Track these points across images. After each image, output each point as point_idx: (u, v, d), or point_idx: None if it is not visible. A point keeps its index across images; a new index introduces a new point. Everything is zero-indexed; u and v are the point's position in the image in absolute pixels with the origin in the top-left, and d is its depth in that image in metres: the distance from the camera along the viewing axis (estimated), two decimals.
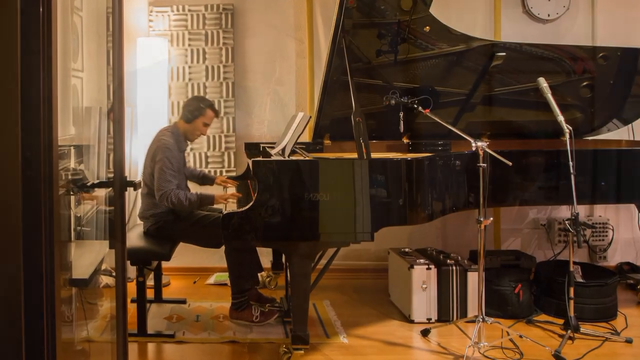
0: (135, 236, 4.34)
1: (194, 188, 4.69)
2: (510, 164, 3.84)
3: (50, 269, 1.99)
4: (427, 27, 4.30)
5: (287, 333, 4.17)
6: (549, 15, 5.49)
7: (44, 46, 1.95)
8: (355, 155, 3.79)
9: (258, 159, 3.77)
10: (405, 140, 4.88)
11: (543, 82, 4.21)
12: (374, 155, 3.80)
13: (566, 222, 3.96)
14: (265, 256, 5.00)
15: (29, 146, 1.92)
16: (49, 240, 1.98)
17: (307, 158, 4.05)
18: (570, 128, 3.98)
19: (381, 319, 4.50)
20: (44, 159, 1.95)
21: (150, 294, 4.63)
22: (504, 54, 4.51)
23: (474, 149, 3.78)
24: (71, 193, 2.52)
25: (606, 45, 4.92)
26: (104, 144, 3.06)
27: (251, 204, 3.62)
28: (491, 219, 3.86)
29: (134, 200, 5.07)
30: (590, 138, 5.18)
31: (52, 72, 1.97)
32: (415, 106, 4.19)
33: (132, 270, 4.16)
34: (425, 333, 4.15)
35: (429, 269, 4.40)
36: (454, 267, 4.42)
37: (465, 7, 5.55)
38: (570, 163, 3.89)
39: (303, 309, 3.72)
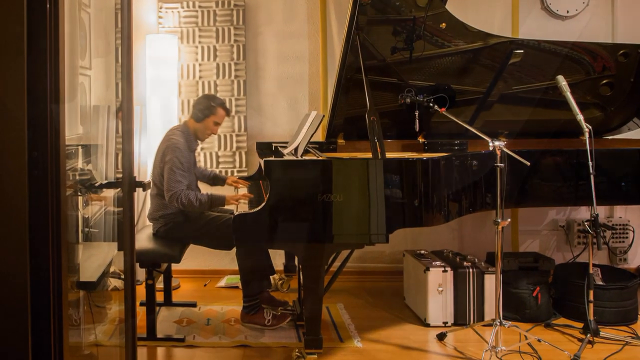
0: (144, 238, 4.30)
1: (205, 189, 4.66)
2: (528, 163, 3.83)
3: (57, 271, 1.98)
4: (444, 24, 4.26)
5: (300, 337, 4.13)
6: (568, 11, 5.42)
7: (50, 44, 1.93)
8: (369, 155, 3.78)
9: (270, 159, 3.78)
10: (420, 140, 4.83)
11: (562, 80, 4.16)
12: (388, 155, 3.79)
13: (585, 223, 3.90)
14: (277, 258, 4.97)
15: (35, 145, 1.91)
16: (56, 242, 1.98)
17: (320, 158, 4.02)
18: (590, 127, 3.92)
19: (396, 322, 4.45)
20: (51, 159, 1.95)
21: (159, 297, 4.58)
22: (522, 51, 4.46)
23: (491, 148, 3.74)
24: (79, 194, 2.50)
25: (626, 42, 4.86)
26: (112, 143, 3.03)
27: (263, 205, 3.60)
28: (509, 220, 3.82)
29: (143, 201, 5.04)
30: (610, 137, 5.11)
31: (59, 70, 1.96)
32: (431, 105, 4.17)
33: (141, 273, 4.15)
34: (441, 337, 4.10)
35: (445, 271, 4.35)
36: (471, 270, 4.37)
37: (482, 3, 5.49)
38: (590, 163, 3.84)
39: (316, 312, 3.69)
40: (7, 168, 1.87)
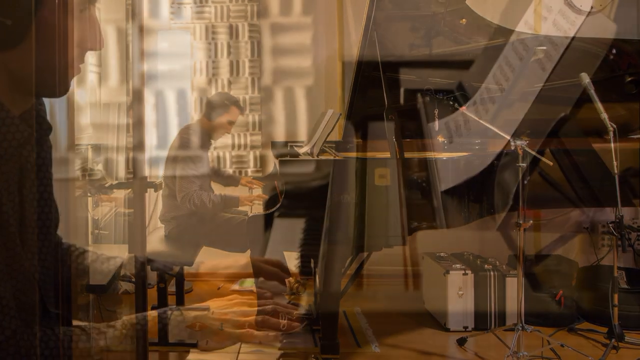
0: (156, 240, 4.28)
1: (218, 189, 4.65)
2: (550, 163, 3.83)
3: (66, 274, 1.92)
4: (464, 20, 4.21)
5: (316, 342, 4.05)
6: (592, 7, 5.33)
7: (59, 39, 1.87)
8: (387, 155, 3.72)
9: (285, 158, 3.74)
10: (440, 139, 4.77)
11: (586, 78, 4.09)
12: (407, 154, 3.77)
13: (610, 225, 3.82)
14: (293, 261, 4.93)
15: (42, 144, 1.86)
16: (64, 244, 1.92)
17: (336, 157, 3.99)
18: (614, 126, 3.84)
19: (415, 327, 4.42)
20: (59, 158, 1.89)
21: (171, 300, 4.52)
22: (544, 47, 4.38)
23: (512, 147, 3.70)
24: (88, 194, 2.45)
25: None
26: (123, 143, 2.98)
27: (278, 205, 3.58)
28: (531, 221, 3.77)
29: (155, 202, 5.01)
30: (636, 136, 5.03)
31: (67, 67, 1.91)
32: (451, 103, 4.10)
33: (152, 276, 4.12)
34: (461, 342, 4.07)
35: (465, 274, 4.32)
36: (492, 273, 4.34)
37: None
38: (615, 163, 3.76)
39: (333, 316, 3.65)
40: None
